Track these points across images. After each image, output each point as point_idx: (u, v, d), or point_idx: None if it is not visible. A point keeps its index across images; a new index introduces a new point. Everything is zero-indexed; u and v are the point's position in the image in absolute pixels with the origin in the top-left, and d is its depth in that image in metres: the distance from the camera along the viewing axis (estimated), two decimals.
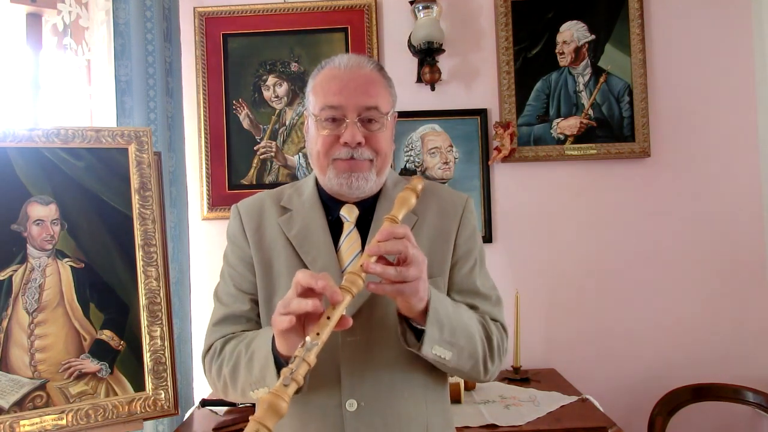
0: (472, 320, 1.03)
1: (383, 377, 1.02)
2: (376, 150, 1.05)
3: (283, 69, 2.29)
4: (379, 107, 1.04)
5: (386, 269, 0.85)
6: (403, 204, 0.93)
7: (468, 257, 1.11)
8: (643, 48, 2.25)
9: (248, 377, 0.97)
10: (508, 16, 2.26)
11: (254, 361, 0.96)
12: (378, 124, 1.04)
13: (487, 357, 1.03)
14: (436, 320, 0.93)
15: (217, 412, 1.80)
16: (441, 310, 0.94)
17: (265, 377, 0.93)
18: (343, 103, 1.02)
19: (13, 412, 1.30)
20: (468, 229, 1.13)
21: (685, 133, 2.28)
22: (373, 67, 1.07)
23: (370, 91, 1.04)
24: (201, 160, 2.27)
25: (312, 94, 1.08)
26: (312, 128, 1.08)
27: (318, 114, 1.04)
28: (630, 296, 2.26)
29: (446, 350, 0.95)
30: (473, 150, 2.27)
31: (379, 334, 1.02)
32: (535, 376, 2.06)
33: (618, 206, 2.27)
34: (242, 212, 1.15)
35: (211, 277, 2.04)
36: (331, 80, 1.05)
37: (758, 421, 2.20)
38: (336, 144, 1.03)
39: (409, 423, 1.03)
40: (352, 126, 1.02)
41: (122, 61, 1.89)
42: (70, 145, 1.44)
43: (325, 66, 1.08)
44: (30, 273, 1.38)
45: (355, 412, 1.00)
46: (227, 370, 1.02)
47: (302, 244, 1.06)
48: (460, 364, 0.99)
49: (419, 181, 0.96)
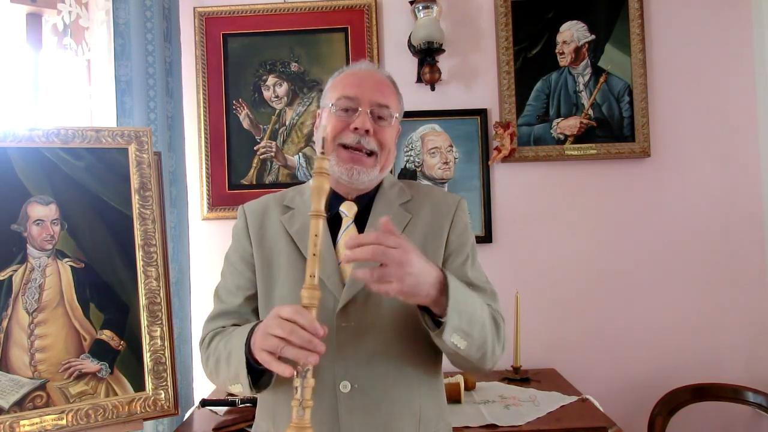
0: (484, 309, 1.05)
1: (376, 362, 1.06)
2: (381, 142, 1.12)
3: (283, 69, 2.29)
4: (390, 107, 1.14)
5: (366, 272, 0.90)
6: (319, 193, 0.92)
7: (460, 251, 1.16)
8: (643, 48, 2.25)
9: (227, 373, 1.05)
10: (508, 16, 2.26)
11: (231, 360, 1.03)
12: (386, 121, 1.13)
13: (495, 345, 1.07)
14: (455, 308, 0.96)
15: (217, 412, 1.80)
16: (460, 297, 0.97)
17: (239, 376, 1.01)
18: (359, 95, 1.11)
19: (13, 412, 1.30)
20: (460, 225, 1.18)
21: (685, 133, 2.28)
22: (388, 75, 1.20)
23: (383, 91, 1.14)
24: (201, 160, 2.27)
25: (330, 90, 1.17)
26: (324, 119, 1.16)
27: (334, 103, 1.12)
28: (630, 296, 2.26)
29: (462, 340, 0.99)
30: (473, 150, 2.27)
31: (373, 320, 1.06)
32: (535, 376, 2.06)
33: (618, 206, 2.27)
34: (247, 212, 1.21)
35: (211, 277, 2.04)
36: (350, 76, 1.16)
37: (758, 421, 2.20)
38: (345, 130, 1.10)
39: (402, 407, 1.07)
40: (364, 114, 1.10)
41: (122, 61, 1.89)
42: (70, 145, 1.44)
43: (346, 68, 1.20)
44: (30, 273, 1.38)
45: (349, 394, 1.04)
46: (212, 364, 1.11)
47: (303, 239, 1.11)
48: (471, 354, 1.02)
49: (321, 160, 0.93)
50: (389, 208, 1.15)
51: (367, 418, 1.05)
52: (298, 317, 0.89)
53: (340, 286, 1.07)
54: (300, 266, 1.09)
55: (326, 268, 1.07)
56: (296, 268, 1.10)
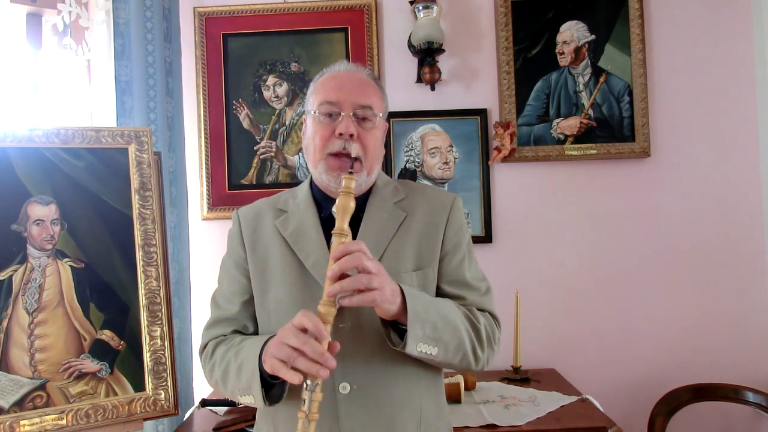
0: (454, 312, 1.06)
1: (375, 362, 1.07)
2: (364, 146, 1.11)
3: (283, 69, 2.29)
4: (373, 107, 1.13)
5: (343, 283, 0.92)
6: (344, 212, 0.97)
7: (457, 250, 1.16)
8: (643, 48, 2.25)
9: (237, 384, 1.05)
10: (508, 16, 2.26)
11: (242, 371, 1.03)
12: (370, 123, 1.12)
13: (476, 347, 1.07)
14: (416, 319, 0.98)
15: (217, 412, 1.80)
16: (419, 307, 1.00)
17: (251, 388, 1.01)
18: (341, 99, 1.11)
19: (13, 412, 1.30)
20: (456, 223, 1.18)
21: (685, 133, 2.28)
22: (369, 74, 1.18)
23: (365, 91, 1.13)
24: (201, 160, 2.27)
25: (312, 95, 1.16)
26: (310, 126, 1.17)
27: (316, 109, 1.13)
28: (630, 296, 2.26)
29: (431, 346, 1.00)
30: (473, 150, 2.27)
31: (369, 320, 1.06)
32: (535, 376, 2.06)
33: (618, 206, 2.27)
34: (241, 217, 1.22)
35: (211, 277, 2.02)
36: (330, 80, 1.15)
37: (758, 421, 2.20)
38: (331, 138, 1.11)
39: (402, 407, 1.07)
40: (347, 118, 1.10)
41: (122, 61, 1.89)
42: (70, 145, 1.45)
43: (326, 72, 1.18)
44: (30, 273, 1.38)
45: (349, 395, 1.05)
46: (219, 373, 1.10)
47: (296, 241, 1.13)
48: (449, 358, 1.04)
49: (349, 180, 0.98)
50: (383, 206, 1.16)
51: (367, 418, 1.05)
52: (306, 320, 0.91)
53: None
54: (294, 268, 1.11)
55: (321, 269, 1.08)
56: (290, 271, 1.11)
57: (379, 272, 0.95)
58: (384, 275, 0.96)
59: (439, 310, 1.03)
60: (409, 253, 1.12)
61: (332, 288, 0.92)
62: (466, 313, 1.09)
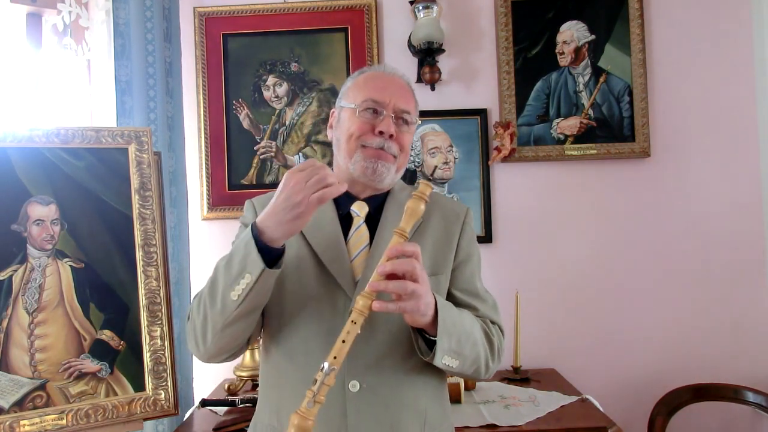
0: (475, 327, 1.09)
1: (385, 362, 1.08)
2: (402, 146, 1.15)
3: (283, 69, 2.29)
4: (411, 112, 1.18)
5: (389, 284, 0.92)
6: (413, 215, 0.99)
7: (469, 260, 1.20)
8: (643, 48, 2.25)
9: (228, 278, 0.99)
10: (508, 16, 2.26)
11: (233, 257, 1.00)
12: (407, 127, 1.17)
13: (489, 360, 1.12)
14: (445, 332, 1.00)
15: (217, 412, 1.80)
16: (449, 320, 1.02)
17: (247, 264, 0.97)
18: (386, 99, 1.14)
19: (13, 412, 1.30)
20: (469, 233, 1.22)
21: (685, 133, 2.28)
22: (408, 81, 1.23)
23: (406, 96, 1.18)
24: (201, 160, 2.27)
25: (353, 90, 1.18)
26: (345, 118, 1.17)
27: (359, 104, 1.15)
28: (630, 296, 2.26)
29: (454, 360, 1.03)
30: (473, 150, 2.27)
31: (382, 320, 1.07)
32: (535, 376, 2.06)
33: (618, 206, 2.27)
34: (256, 204, 1.22)
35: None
36: (375, 79, 1.18)
37: (758, 421, 2.20)
38: (369, 132, 1.13)
39: (408, 409, 1.09)
40: (389, 119, 1.13)
41: (122, 61, 1.89)
42: (70, 145, 1.45)
43: (367, 71, 1.22)
44: (30, 273, 1.38)
45: (357, 393, 1.05)
46: (206, 291, 1.04)
47: (314, 235, 1.13)
48: (464, 370, 1.08)
49: (427, 186, 1.00)
50: (400, 210, 1.15)
51: (374, 417, 1.06)
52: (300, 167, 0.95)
53: (352, 283, 1.09)
54: (309, 259, 1.11)
55: (338, 266, 1.09)
56: (306, 261, 1.11)
57: (424, 282, 0.96)
58: (427, 286, 0.97)
59: (463, 325, 1.06)
60: (424, 258, 1.11)
61: (378, 284, 0.92)
62: (483, 327, 1.12)
